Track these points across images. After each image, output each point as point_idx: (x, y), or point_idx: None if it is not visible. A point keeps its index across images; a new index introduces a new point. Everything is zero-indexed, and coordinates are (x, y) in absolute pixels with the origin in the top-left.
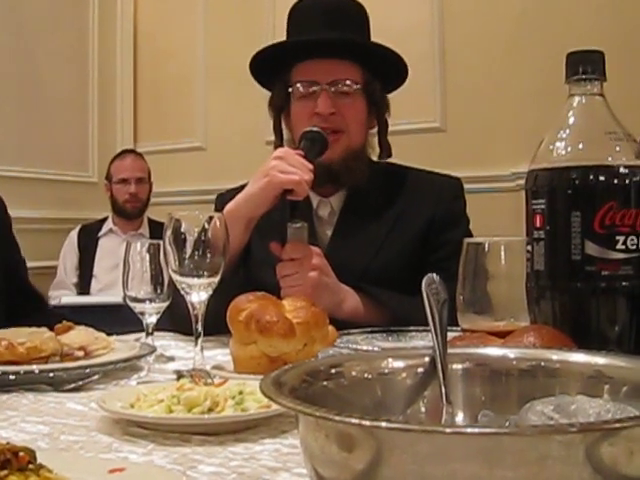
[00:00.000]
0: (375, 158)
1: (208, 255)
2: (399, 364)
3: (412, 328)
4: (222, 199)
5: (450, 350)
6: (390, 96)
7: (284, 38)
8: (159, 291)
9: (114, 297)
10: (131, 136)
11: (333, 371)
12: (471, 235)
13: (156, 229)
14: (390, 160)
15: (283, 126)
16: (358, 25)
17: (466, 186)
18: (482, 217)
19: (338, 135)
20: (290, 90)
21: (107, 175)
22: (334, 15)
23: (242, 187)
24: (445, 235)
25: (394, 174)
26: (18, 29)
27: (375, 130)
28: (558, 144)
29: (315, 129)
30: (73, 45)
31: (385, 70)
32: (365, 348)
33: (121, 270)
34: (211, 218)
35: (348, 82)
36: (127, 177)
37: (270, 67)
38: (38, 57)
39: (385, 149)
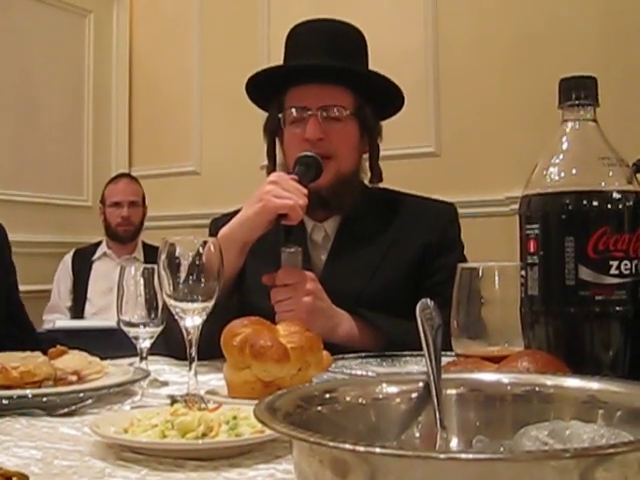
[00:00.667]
0: (367, 182)
1: (202, 280)
2: (393, 389)
3: (406, 353)
4: (216, 224)
5: (444, 375)
6: (385, 121)
7: (279, 62)
8: (153, 315)
9: (108, 321)
10: (126, 160)
11: (327, 396)
12: (465, 260)
13: (150, 253)
14: (385, 185)
15: (277, 150)
16: (355, 51)
17: (460, 211)
18: (476, 242)
19: (327, 161)
20: (282, 115)
21: (101, 199)
22: (330, 41)
23: (236, 212)
24: (440, 260)
25: (389, 199)
26: (14, 54)
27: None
28: (552, 169)
29: (310, 154)
30: (69, 70)
31: (378, 97)
32: (359, 373)
33: (115, 294)
34: (205, 243)
35: (338, 108)
36: (119, 200)
37: (266, 90)
38: (34, 82)
39: (376, 174)
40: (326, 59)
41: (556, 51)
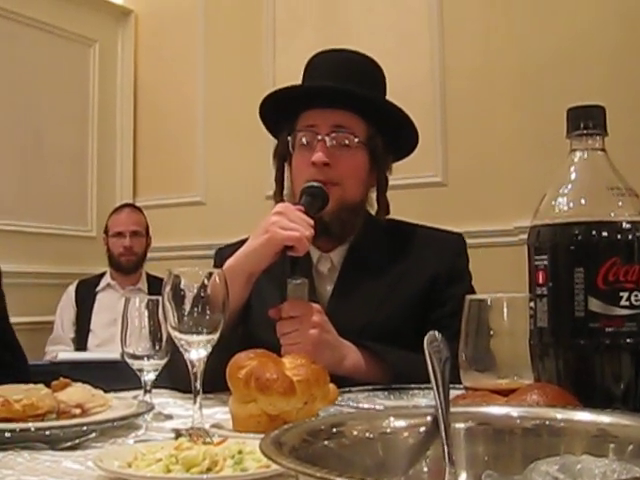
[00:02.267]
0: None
1: (207, 312)
2: (401, 423)
3: (414, 386)
4: (221, 254)
5: (453, 409)
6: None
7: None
8: (157, 348)
9: (112, 353)
10: (130, 190)
11: (334, 430)
12: (474, 291)
13: (154, 284)
14: (391, 215)
15: (285, 177)
16: (371, 81)
17: (468, 241)
18: (485, 272)
19: (332, 187)
20: (291, 139)
21: (105, 229)
22: (347, 68)
23: (242, 242)
24: (448, 292)
25: (395, 230)
26: (19, 84)
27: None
28: (560, 199)
29: (316, 184)
30: (73, 100)
31: (392, 129)
32: (366, 406)
33: (119, 326)
34: (211, 274)
35: (348, 134)
36: (122, 230)
37: (279, 113)
38: (38, 112)
39: (383, 207)
40: (342, 84)
41: (564, 80)
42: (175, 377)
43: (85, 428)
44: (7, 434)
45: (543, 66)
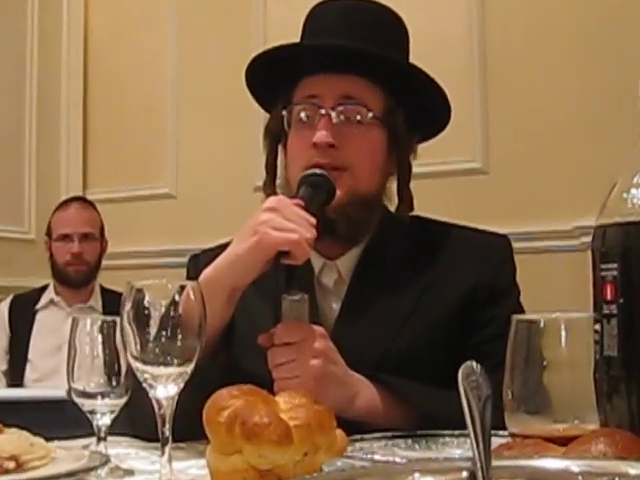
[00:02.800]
0: (393, 211)
1: (179, 336)
2: None
3: (445, 432)
4: (197, 262)
5: (495, 462)
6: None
7: None
8: (115, 383)
9: (55, 390)
10: (79, 181)
11: None
12: (522, 310)
13: (111, 301)
14: (416, 211)
15: (279, 163)
16: (391, 39)
17: (515, 245)
18: (536, 285)
19: (338, 174)
20: (286, 113)
21: (47, 230)
22: (359, 22)
23: (223, 247)
24: (489, 311)
25: (421, 231)
26: None
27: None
28: (634, 192)
29: (319, 172)
30: (4, 65)
31: (417, 102)
32: (384, 459)
33: (65, 355)
34: (183, 288)
35: (360, 107)
36: (69, 232)
37: (271, 80)
38: None
39: (405, 201)
40: (352, 42)
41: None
42: (137, 421)
43: None
44: None
45: (612, 23)
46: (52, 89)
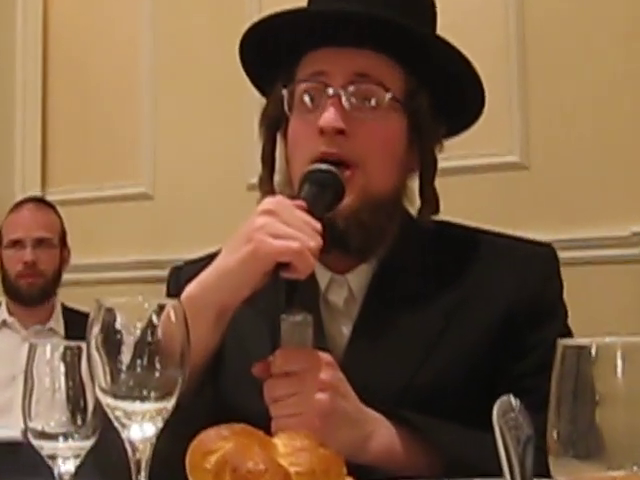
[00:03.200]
0: (414, 214)
1: (157, 366)
2: None
3: None
4: (179, 276)
5: None
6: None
7: None
8: (80, 422)
9: (8, 430)
10: (37, 178)
11: None
12: (570, 333)
13: (75, 323)
14: (442, 215)
15: (279, 155)
16: (414, 7)
17: (561, 254)
18: (586, 303)
19: (349, 171)
20: (287, 94)
21: None
22: None
23: (211, 257)
24: (530, 337)
25: (449, 239)
26: None
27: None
28: None
29: (325, 167)
30: None
31: (444, 82)
32: None
33: (19, 387)
34: (162, 308)
35: (377, 88)
36: (21, 237)
37: (267, 56)
38: None
39: (429, 202)
40: (366, 8)
41: None
42: (106, 468)
43: None
44: None
45: None
46: (5, 74)
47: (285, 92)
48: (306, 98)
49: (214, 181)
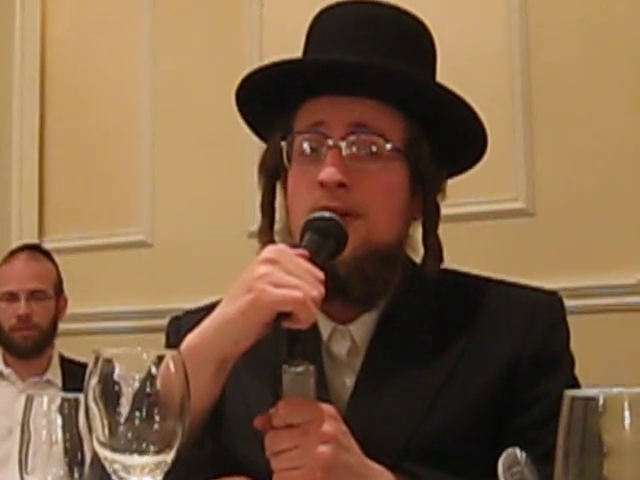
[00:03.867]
0: (417, 262)
1: (157, 418)
2: None
3: None
4: (179, 326)
5: None
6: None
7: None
8: (77, 475)
9: None
10: (34, 226)
11: None
12: (577, 384)
13: (73, 374)
14: (446, 264)
15: (278, 204)
16: (414, 54)
17: (567, 302)
18: (593, 353)
19: (351, 221)
20: (286, 144)
21: None
22: (375, 33)
23: (211, 307)
24: (536, 388)
25: (453, 289)
26: None
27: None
28: None
29: (327, 215)
30: None
31: (445, 129)
32: None
33: (16, 440)
34: (161, 358)
35: (375, 136)
36: (14, 290)
37: (266, 104)
38: None
39: (433, 252)
40: (366, 57)
41: None
42: None
43: None
44: None
45: None
46: (2, 118)
47: (284, 143)
48: (306, 148)
49: (214, 228)
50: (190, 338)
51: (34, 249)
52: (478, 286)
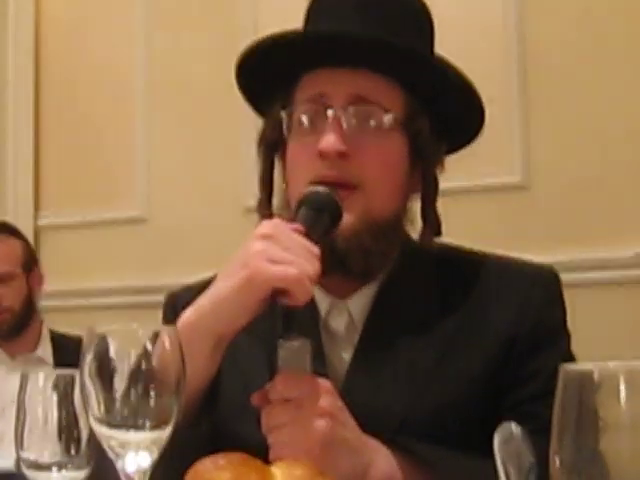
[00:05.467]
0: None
1: (152, 394)
2: None
3: None
4: (175, 302)
5: None
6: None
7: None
8: (73, 452)
9: (1, 460)
10: (30, 203)
11: None
12: (572, 359)
13: (64, 350)
14: (444, 238)
15: (277, 178)
16: (413, 27)
17: (563, 276)
18: (589, 327)
19: (349, 193)
20: (285, 116)
21: None
22: (375, 6)
23: (206, 284)
24: (531, 364)
25: (451, 263)
26: None
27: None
28: None
29: (322, 189)
30: None
31: (443, 102)
32: None
33: (11, 418)
34: (157, 335)
35: (377, 110)
36: None
37: (264, 77)
38: None
39: (431, 226)
40: (366, 29)
41: None
42: None
43: None
44: None
45: None
46: None
47: (284, 115)
48: (305, 120)
49: (210, 204)
50: (186, 316)
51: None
52: (476, 261)
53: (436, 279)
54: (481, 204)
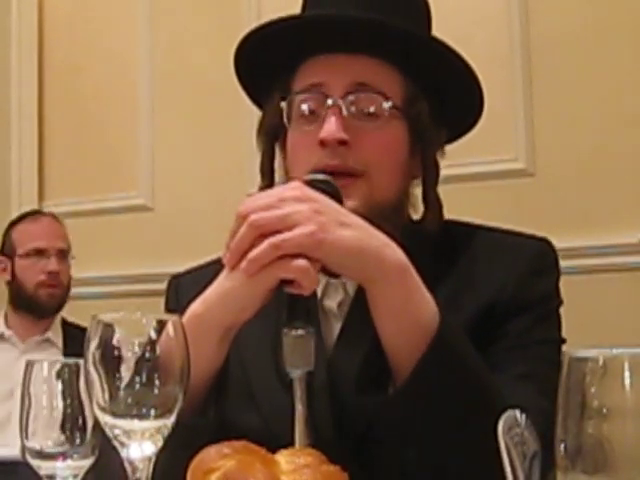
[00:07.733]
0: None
1: (157, 383)
2: None
3: None
4: (178, 285)
5: None
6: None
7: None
8: (78, 441)
9: (6, 448)
10: (34, 191)
11: None
12: (559, 322)
13: (74, 338)
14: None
15: (278, 165)
16: (410, 10)
17: (567, 262)
18: (593, 312)
19: (351, 181)
20: (285, 105)
21: (2, 247)
22: None
23: (210, 264)
24: (514, 324)
25: (446, 236)
26: None
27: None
28: None
29: (321, 177)
30: None
31: (443, 87)
32: None
33: (17, 404)
34: (161, 323)
35: (376, 96)
36: (45, 247)
37: (263, 66)
38: None
39: (433, 209)
40: (364, 13)
41: None
42: None
43: None
44: None
45: None
46: (0, 86)
47: (283, 105)
48: (305, 109)
49: (214, 192)
50: (194, 307)
51: (52, 214)
52: (471, 233)
53: (434, 255)
54: (485, 190)
